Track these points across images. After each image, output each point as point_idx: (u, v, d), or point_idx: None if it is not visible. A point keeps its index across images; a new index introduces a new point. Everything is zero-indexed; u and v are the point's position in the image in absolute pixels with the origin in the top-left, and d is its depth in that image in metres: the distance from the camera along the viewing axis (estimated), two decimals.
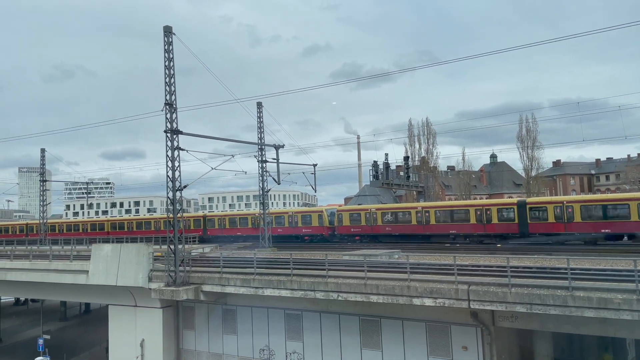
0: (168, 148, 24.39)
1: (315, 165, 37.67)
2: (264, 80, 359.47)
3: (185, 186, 24.87)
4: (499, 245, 32.20)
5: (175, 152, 24.46)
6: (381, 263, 21.71)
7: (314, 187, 37.75)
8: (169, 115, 24.39)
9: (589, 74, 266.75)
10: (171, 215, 24.32)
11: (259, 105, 36.03)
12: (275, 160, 35.50)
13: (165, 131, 24.40)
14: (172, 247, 23.67)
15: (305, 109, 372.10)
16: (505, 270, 16.06)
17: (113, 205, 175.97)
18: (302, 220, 44.29)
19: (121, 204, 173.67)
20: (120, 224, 60.09)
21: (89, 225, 63.77)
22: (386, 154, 45.11)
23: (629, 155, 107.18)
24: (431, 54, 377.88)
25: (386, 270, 19.89)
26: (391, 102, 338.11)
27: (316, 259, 24.35)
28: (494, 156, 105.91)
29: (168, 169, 24.31)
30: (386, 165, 44.80)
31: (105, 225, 61.66)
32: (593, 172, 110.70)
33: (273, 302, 22.15)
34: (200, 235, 49.22)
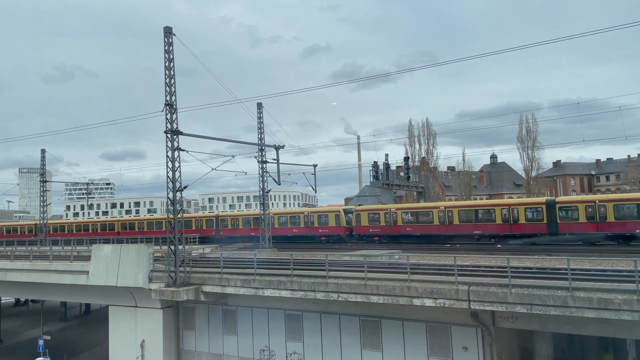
0: (168, 149, 24.41)
1: (315, 165, 37.72)
2: (264, 81, 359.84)
3: (185, 187, 24.89)
4: (499, 245, 32.23)
5: (176, 153, 24.48)
6: (381, 263, 21.71)
7: (314, 188, 37.75)
8: (169, 116, 24.41)
9: (587, 74, 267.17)
10: (176, 215, 24.33)
11: (259, 105, 36.07)
12: (276, 161, 35.52)
13: (166, 132, 24.42)
14: (172, 248, 23.70)
15: (305, 110, 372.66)
16: (506, 271, 16.05)
17: (113, 205, 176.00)
18: (319, 221, 43.42)
19: (121, 205, 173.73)
20: (130, 224, 59.60)
21: (98, 225, 63.22)
22: (386, 155, 45.19)
23: (629, 155, 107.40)
24: (431, 54, 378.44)
25: (386, 271, 19.90)
26: (391, 103, 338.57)
27: (316, 259, 24.36)
28: (494, 157, 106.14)
29: (168, 169, 24.33)
30: (386, 165, 44.83)
31: (115, 225, 61.08)
32: (593, 173, 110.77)
33: (273, 303, 22.15)
34: (213, 236, 48.56)
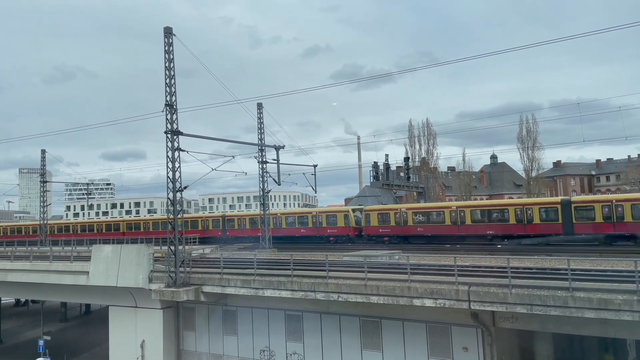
0: (168, 149, 24.42)
1: (315, 166, 37.74)
2: (265, 81, 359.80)
3: (185, 187, 24.90)
4: (499, 246, 32.23)
5: (176, 153, 24.49)
6: (381, 264, 21.70)
7: (314, 188, 37.77)
8: (169, 116, 24.42)
9: (587, 74, 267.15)
10: (177, 216, 24.33)
11: (259, 106, 36.08)
12: (276, 161, 35.54)
13: (166, 132, 24.43)
14: (173, 248, 23.70)
15: (305, 110, 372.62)
16: (506, 271, 16.05)
17: (113, 206, 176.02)
18: (327, 221, 43.04)
19: (122, 205, 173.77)
20: (136, 224, 59.24)
21: (104, 225, 62.91)
22: (386, 155, 45.05)
23: (629, 155, 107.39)
24: (431, 54, 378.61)
25: (386, 271, 19.88)
26: (391, 103, 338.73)
27: (317, 259, 24.34)
28: (494, 157, 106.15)
29: (168, 169, 24.34)
30: (386, 166, 44.76)
31: (121, 225, 60.72)
32: (593, 173, 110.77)
33: (273, 303, 22.14)
34: (220, 236, 48.21)
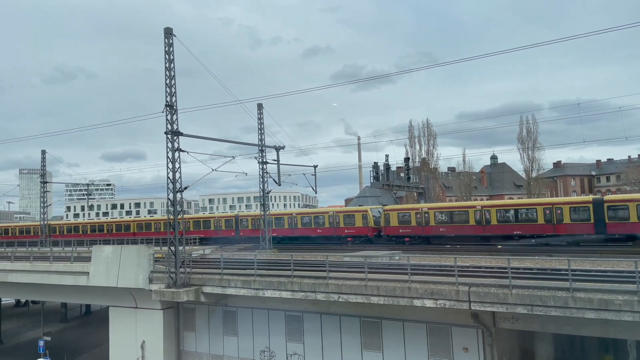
0: (168, 149, 24.41)
1: (315, 166, 37.74)
2: (265, 82, 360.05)
3: (185, 188, 24.90)
4: (499, 246, 32.20)
5: (176, 154, 24.48)
6: (382, 264, 21.69)
7: (314, 189, 37.78)
8: (169, 117, 24.41)
9: (587, 75, 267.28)
10: (177, 216, 24.34)
11: (260, 106, 36.08)
12: (276, 162, 35.53)
13: (166, 133, 24.43)
14: (173, 249, 23.69)
15: (305, 111, 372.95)
16: (506, 272, 16.04)
17: (114, 206, 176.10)
18: (345, 221, 42.08)
19: (122, 206, 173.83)
20: (147, 224, 58.36)
21: (114, 225, 62.14)
22: (386, 155, 44.83)
23: (629, 156, 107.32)
24: (431, 55, 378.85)
25: (387, 272, 19.87)
26: (391, 104, 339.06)
27: (317, 260, 24.34)
28: (494, 157, 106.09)
29: (168, 170, 24.33)
30: (386, 166, 44.64)
31: (131, 225, 59.92)
32: (593, 173, 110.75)
33: (274, 304, 22.14)
34: (233, 236, 47.49)
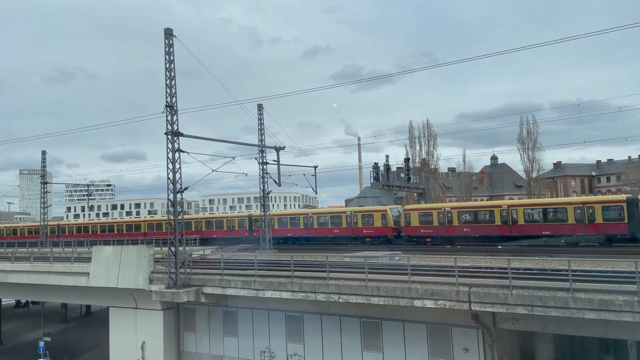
0: (169, 150, 24.42)
1: (316, 167, 37.73)
2: (265, 82, 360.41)
3: (186, 188, 24.91)
4: (499, 246, 32.21)
5: (176, 154, 24.49)
6: (382, 265, 21.69)
7: (314, 189, 37.78)
8: (169, 117, 24.42)
9: (587, 75, 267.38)
10: (177, 217, 24.34)
11: (260, 107, 36.08)
12: (276, 162, 35.51)
13: (166, 133, 24.44)
14: (173, 249, 23.69)
15: (305, 111, 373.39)
16: (506, 272, 16.03)
17: (114, 207, 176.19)
18: (363, 221, 41.51)
19: (122, 206, 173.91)
20: (157, 224, 57.60)
21: (124, 226, 61.89)
22: (387, 156, 44.86)
23: (629, 156, 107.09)
24: (431, 55, 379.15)
25: (387, 272, 19.87)
26: (392, 104, 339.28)
27: (317, 260, 24.34)
28: (494, 158, 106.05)
29: (169, 171, 24.33)
30: (387, 166, 44.65)
31: (142, 225, 59.58)
32: (594, 174, 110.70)
33: (274, 304, 22.14)
34: (246, 237, 46.64)
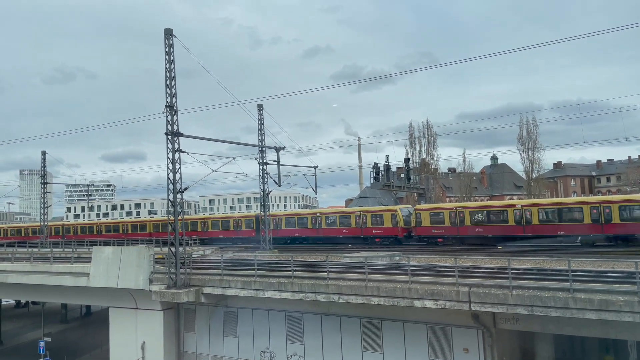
0: (169, 150, 24.42)
1: (316, 167, 37.73)
2: (265, 82, 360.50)
3: (186, 188, 24.91)
4: (499, 247, 32.20)
5: (176, 155, 24.49)
6: (382, 265, 21.70)
7: (314, 189, 37.79)
8: (169, 118, 24.42)
9: (587, 75, 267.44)
10: (177, 217, 24.34)
11: (260, 107, 36.08)
12: (276, 162, 35.50)
13: (166, 133, 24.43)
14: (173, 250, 23.69)
15: (305, 111, 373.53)
16: (507, 272, 16.03)
17: (114, 207, 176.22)
18: (372, 221, 41.09)
19: (122, 206, 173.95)
20: (163, 224, 56.21)
21: (129, 226, 61.74)
22: (387, 156, 44.78)
23: (629, 156, 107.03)
24: (432, 55, 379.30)
25: (387, 272, 19.87)
26: (392, 104, 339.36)
27: (317, 261, 24.34)
28: (494, 158, 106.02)
29: (169, 171, 24.33)
30: (387, 167, 44.61)
31: (147, 225, 59.38)
32: (594, 174, 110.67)
33: (274, 305, 22.14)
34: (253, 237, 46.09)
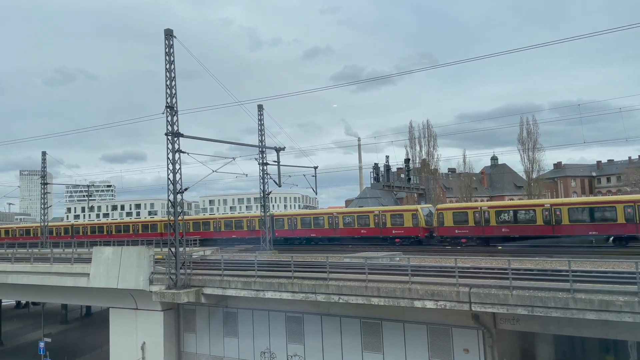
0: (169, 151, 24.43)
1: (316, 167, 37.72)
2: (265, 83, 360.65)
3: (186, 189, 24.93)
4: (499, 247, 32.20)
5: (176, 155, 24.50)
6: (382, 265, 21.69)
7: (314, 190, 37.77)
8: (169, 118, 24.43)
9: (587, 76, 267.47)
10: (177, 217, 24.34)
11: (260, 107, 36.08)
12: (276, 163, 35.48)
13: (166, 134, 24.44)
14: (173, 250, 23.69)
15: (306, 112, 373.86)
16: (507, 273, 16.04)
17: (114, 208, 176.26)
18: (392, 221, 40.53)
19: (122, 207, 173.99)
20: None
21: (140, 225, 61.50)
22: (387, 157, 44.81)
23: (629, 157, 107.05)
24: (432, 56, 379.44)
25: (387, 273, 19.87)
26: (392, 105, 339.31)
27: (317, 261, 24.33)
28: (494, 158, 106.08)
29: (169, 171, 24.34)
30: (387, 167, 44.64)
31: (158, 225, 59.00)
32: (594, 174, 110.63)
33: (274, 305, 22.13)
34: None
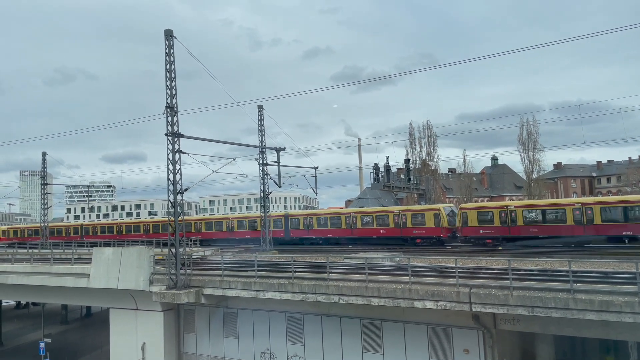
0: (169, 151, 24.44)
1: (316, 168, 37.72)
2: (265, 83, 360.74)
3: (186, 189, 24.95)
4: (500, 247, 32.19)
5: (176, 155, 24.51)
6: (382, 266, 21.69)
7: (314, 190, 37.79)
8: (170, 119, 24.44)
9: (588, 76, 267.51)
10: (177, 218, 24.34)
11: (260, 108, 36.08)
12: (276, 163, 35.49)
13: (167, 134, 24.45)
14: (173, 250, 23.69)
15: (306, 112, 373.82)
16: (507, 273, 16.04)
17: (114, 208, 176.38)
18: (413, 220, 39.50)
19: (122, 207, 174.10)
20: (187, 224, 53.63)
21: (150, 225, 60.38)
22: (387, 157, 44.80)
23: (630, 157, 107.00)
24: (432, 56, 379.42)
25: (387, 273, 19.86)
26: (392, 105, 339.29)
27: (317, 261, 24.33)
28: (494, 159, 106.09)
29: (169, 172, 24.35)
30: (387, 167, 44.62)
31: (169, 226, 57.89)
32: (594, 175, 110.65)
33: (274, 305, 22.14)
34: (282, 237, 45.05)
